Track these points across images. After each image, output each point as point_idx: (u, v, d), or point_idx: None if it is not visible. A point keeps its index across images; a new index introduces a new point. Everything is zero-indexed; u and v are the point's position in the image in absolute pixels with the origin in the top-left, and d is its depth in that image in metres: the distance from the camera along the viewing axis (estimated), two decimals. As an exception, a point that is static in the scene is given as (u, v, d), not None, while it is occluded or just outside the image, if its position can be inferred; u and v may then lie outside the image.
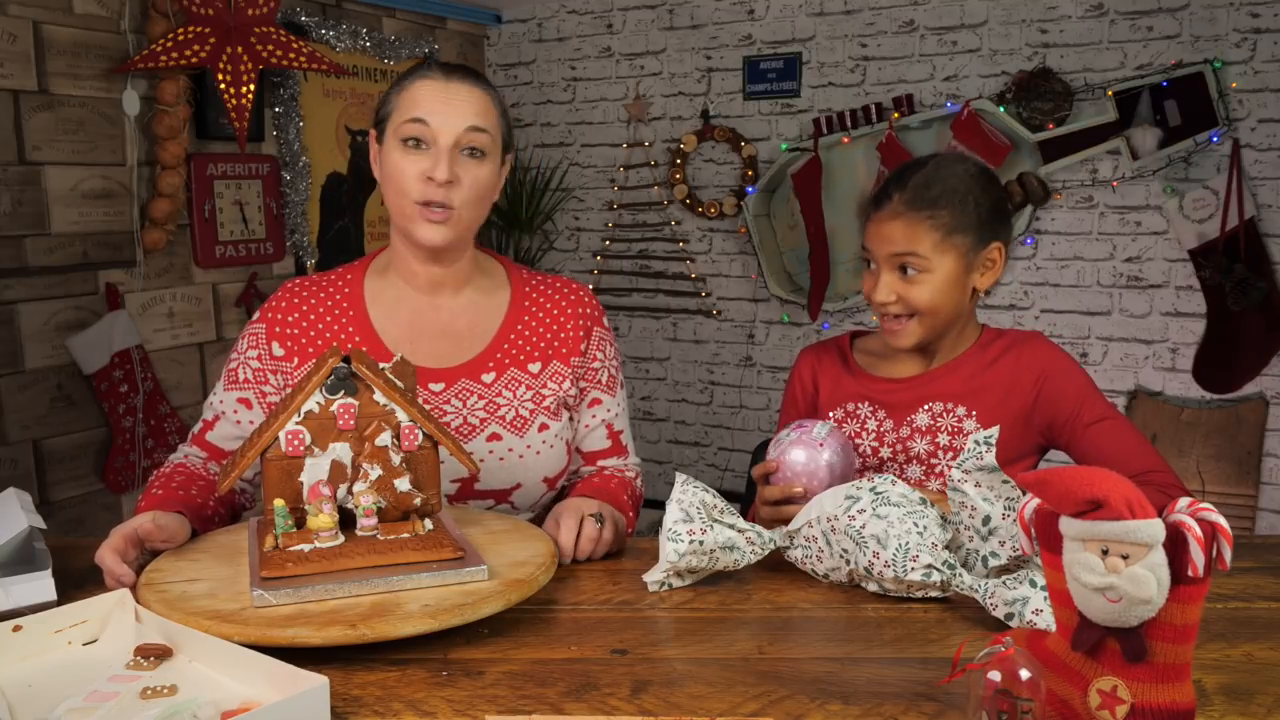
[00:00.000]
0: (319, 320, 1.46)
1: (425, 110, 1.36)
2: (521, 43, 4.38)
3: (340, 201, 3.74)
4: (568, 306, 1.52)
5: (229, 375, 1.47)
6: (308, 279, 1.51)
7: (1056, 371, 1.51)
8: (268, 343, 1.45)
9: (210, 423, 1.46)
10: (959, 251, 1.47)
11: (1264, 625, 1.12)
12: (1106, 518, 0.77)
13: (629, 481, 1.55)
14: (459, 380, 1.46)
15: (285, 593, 1.04)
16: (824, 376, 1.63)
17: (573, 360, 1.50)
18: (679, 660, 1.04)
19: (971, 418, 1.51)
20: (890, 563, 1.15)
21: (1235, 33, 3.22)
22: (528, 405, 1.47)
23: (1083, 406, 1.49)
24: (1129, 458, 1.45)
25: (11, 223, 2.72)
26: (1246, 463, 3.31)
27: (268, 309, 1.47)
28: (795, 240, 3.96)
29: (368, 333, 1.46)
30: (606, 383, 1.55)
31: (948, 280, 1.47)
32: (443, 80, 1.39)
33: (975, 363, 1.54)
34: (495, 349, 1.48)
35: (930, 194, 1.46)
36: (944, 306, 1.48)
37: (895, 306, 1.48)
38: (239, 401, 1.45)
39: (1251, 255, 3.23)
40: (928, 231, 1.45)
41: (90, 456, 2.97)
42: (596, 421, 1.55)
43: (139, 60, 2.88)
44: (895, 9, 3.68)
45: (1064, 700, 0.84)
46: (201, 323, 3.28)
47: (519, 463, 1.46)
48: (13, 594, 1.14)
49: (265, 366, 1.45)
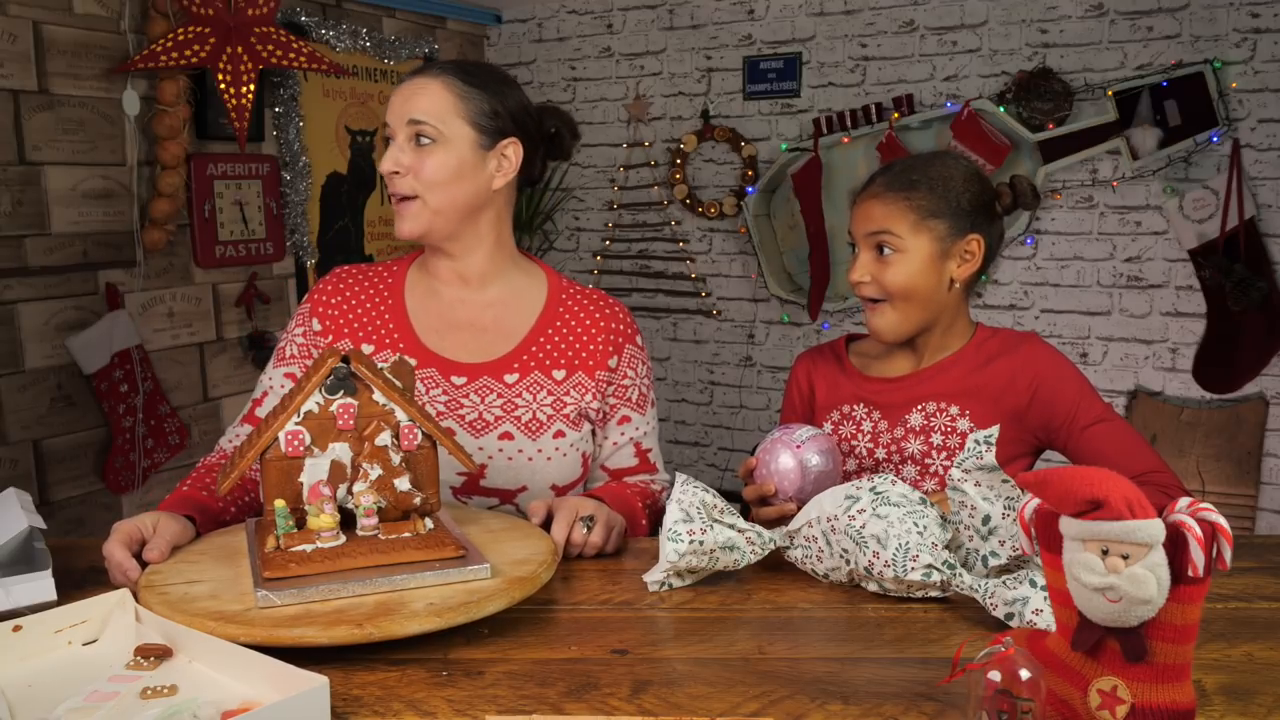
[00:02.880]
0: (359, 305, 1.52)
1: (388, 111, 1.45)
2: (521, 43, 4.38)
3: (340, 201, 3.74)
4: (601, 320, 1.52)
5: (278, 353, 1.53)
6: (357, 266, 1.58)
7: (1052, 374, 1.51)
8: (310, 319, 1.51)
9: (259, 400, 1.51)
10: (934, 235, 1.48)
11: (1264, 625, 1.12)
12: (1106, 518, 0.77)
13: (649, 489, 1.55)
14: (481, 377, 1.47)
15: (289, 593, 1.04)
16: (820, 380, 1.64)
17: (598, 374, 1.50)
18: (679, 660, 1.04)
19: (965, 417, 1.51)
20: (890, 563, 1.15)
21: (1235, 33, 3.22)
22: (547, 410, 1.47)
23: (1080, 408, 1.49)
24: (1128, 458, 1.45)
25: (11, 223, 2.72)
26: (1246, 463, 3.31)
27: (316, 290, 1.54)
28: (795, 240, 3.96)
29: (401, 320, 1.50)
30: (637, 401, 1.55)
31: (922, 263, 1.48)
32: (415, 77, 1.45)
33: (969, 362, 1.54)
34: (522, 351, 1.49)
35: (910, 177, 1.50)
36: (918, 291, 1.48)
37: (870, 288, 1.50)
38: (286, 376, 1.50)
39: (1251, 255, 3.23)
40: (904, 212, 1.48)
41: (90, 456, 2.97)
42: (625, 439, 1.55)
43: (139, 60, 2.88)
44: (895, 9, 3.68)
45: (1064, 700, 0.84)
46: (201, 323, 3.28)
47: (528, 465, 1.46)
48: (13, 594, 1.14)
49: (309, 342, 1.51)
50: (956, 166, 1.53)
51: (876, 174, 1.56)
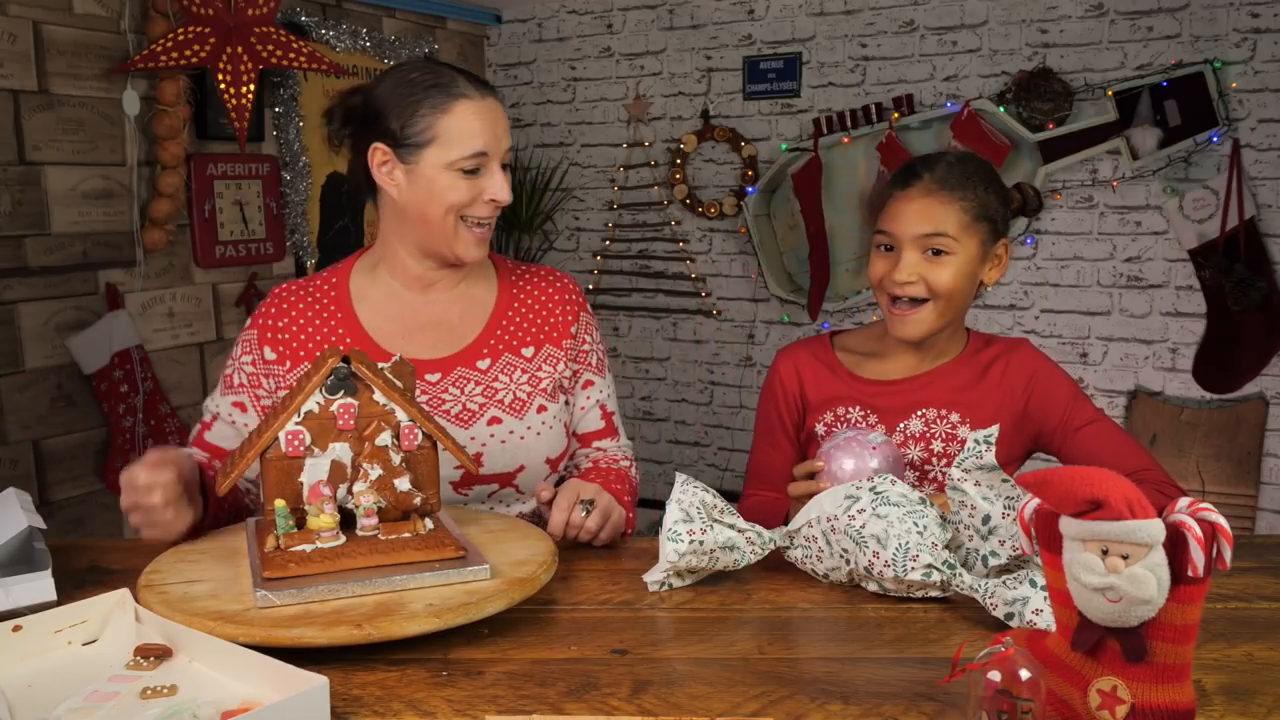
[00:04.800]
0: (308, 324, 1.48)
1: (484, 143, 1.38)
2: (521, 43, 4.38)
3: (340, 201, 3.74)
4: (555, 293, 1.56)
5: (225, 380, 1.50)
6: (294, 283, 1.53)
7: (1045, 378, 1.53)
8: (259, 347, 1.48)
9: (208, 424, 1.49)
10: (980, 238, 1.47)
11: (1264, 625, 1.12)
12: (1106, 518, 0.77)
13: (625, 473, 1.57)
14: (455, 369, 1.48)
15: (289, 593, 1.04)
16: (808, 378, 1.60)
17: (564, 343, 1.54)
18: (679, 660, 1.04)
19: (966, 424, 1.51)
20: (890, 562, 1.15)
21: (1235, 33, 3.22)
22: (524, 388, 1.50)
23: (1072, 411, 1.51)
24: (1121, 457, 1.46)
25: (11, 223, 2.72)
26: (1246, 463, 3.31)
27: (259, 315, 1.50)
28: (795, 240, 3.96)
29: (357, 332, 1.48)
30: (596, 365, 1.59)
31: (969, 265, 1.47)
32: (479, 98, 1.39)
33: (967, 371, 1.54)
34: (489, 335, 1.51)
35: (963, 175, 1.47)
36: (959, 293, 1.47)
37: (916, 288, 1.46)
38: (234, 405, 1.48)
39: (1251, 255, 3.23)
40: (958, 212, 1.45)
41: (90, 456, 2.97)
42: (591, 403, 1.59)
43: (139, 60, 2.88)
44: (895, 9, 3.68)
45: (1064, 700, 0.84)
46: (201, 323, 3.28)
47: (520, 444, 1.48)
48: (13, 594, 1.14)
49: (259, 371, 1.48)
50: (989, 168, 1.51)
51: (917, 168, 1.50)
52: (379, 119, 1.40)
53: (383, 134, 1.39)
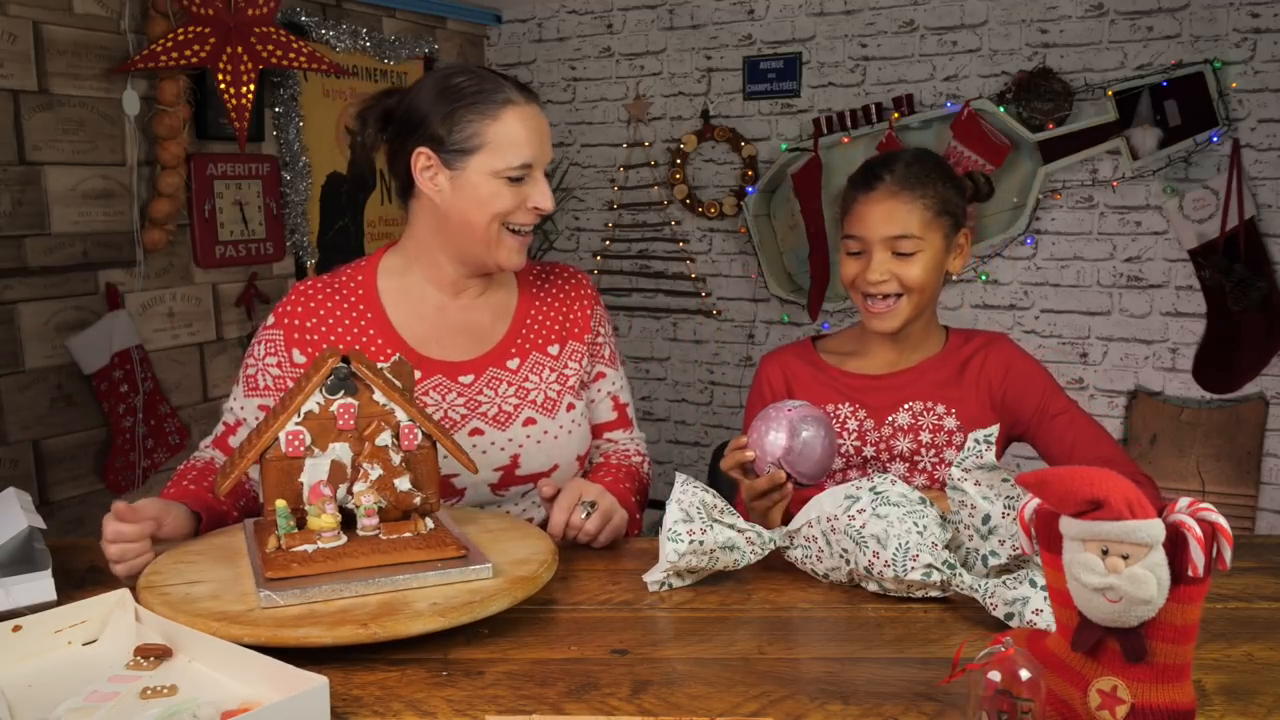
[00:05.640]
0: (337, 324, 1.45)
1: (532, 152, 1.37)
2: (521, 43, 4.38)
3: (340, 201, 3.74)
4: (573, 290, 1.58)
5: (248, 382, 1.45)
6: (318, 280, 1.49)
7: (1022, 368, 1.60)
8: (287, 349, 1.43)
9: (232, 427, 1.46)
10: (943, 231, 1.54)
11: (1264, 625, 1.12)
12: (1106, 518, 0.77)
13: (636, 470, 1.57)
14: (487, 369, 1.48)
15: (292, 593, 1.04)
16: (795, 380, 1.65)
17: (585, 338, 1.55)
18: (679, 660, 1.04)
19: (952, 415, 1.57)
20: (890, 562, 1.15)
21: (1235, 33, 3.22)
22: (554, 386, 1.51)
23: (1047, 399, 1.59)
24: (1090, 446, 1.54)
25: (11, 223, 2.72)
26: (1246, 463, 3.31)
27: (283, 314, 1.46)
28: (795, 240, 3.96)
29: (389, 334, 1.45)
30: (609, 358, 1.61)
31: (936, 258, 1.54)
32: (524, 104, 1.38)
33: (950, 364, 1.60)
34: (515, 335, 1.51)
35: (922, 173, 1.53)
36: (929, 285, 1.54)
37: (889, 285, 1.52)
38: (259, 409, 1.44)
39: (1251, 255, 3.23)
40: (921, 210, 1.51)
41: (90, 456, 2.97)
42: (603, 395, 1.60)
43: (139, 60, 2.88)
44: (895, 9, 3.68)
45: (1064, 700, 0.84)
46: (201, 323, 3.28)
47: (554, 444, 1.49)
48: (13, 594, 1.14)
49: (285, 374, 1.44)
50: (944, 163, 1.59)
51: (877, 169, 1.54)
52: (422, 123, 1.37)
53: (427, 138, 1.37)
